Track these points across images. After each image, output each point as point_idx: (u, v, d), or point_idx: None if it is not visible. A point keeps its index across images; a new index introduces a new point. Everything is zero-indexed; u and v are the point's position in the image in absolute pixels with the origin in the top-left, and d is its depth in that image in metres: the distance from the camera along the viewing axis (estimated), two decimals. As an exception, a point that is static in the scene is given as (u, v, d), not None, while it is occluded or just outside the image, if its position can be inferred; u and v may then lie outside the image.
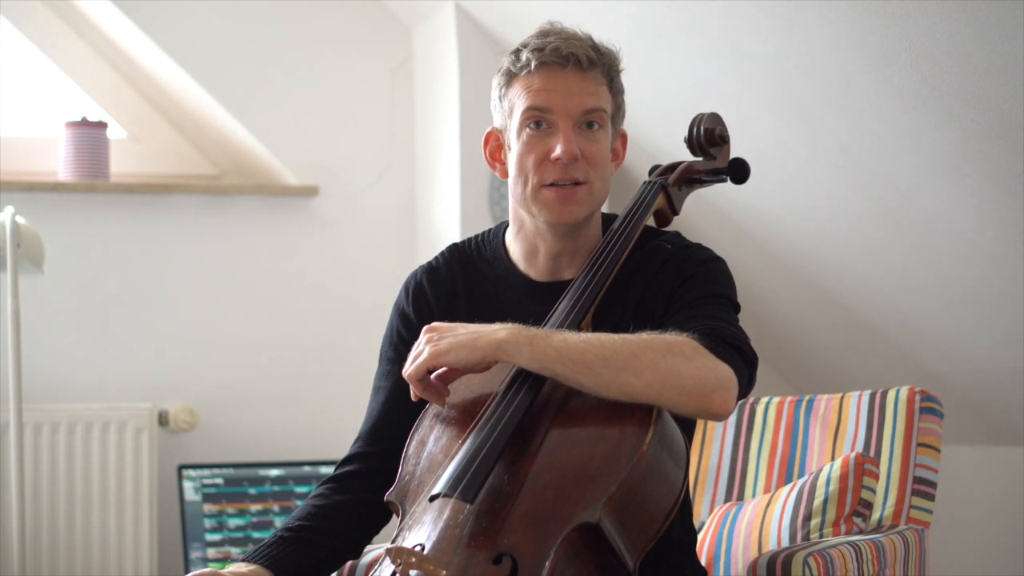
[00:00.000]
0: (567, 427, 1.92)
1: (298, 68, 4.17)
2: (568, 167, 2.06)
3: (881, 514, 2.55)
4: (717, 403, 1.93)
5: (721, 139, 2.28)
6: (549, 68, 2.07)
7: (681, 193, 2.25)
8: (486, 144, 2.18)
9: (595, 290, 2.05)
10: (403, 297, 2.24)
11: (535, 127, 2.08)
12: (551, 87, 2.06)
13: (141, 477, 3.89)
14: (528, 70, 2.08)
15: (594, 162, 2.08)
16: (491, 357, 1.93)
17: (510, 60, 2.10)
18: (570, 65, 2.06)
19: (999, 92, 2.87)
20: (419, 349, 1.97)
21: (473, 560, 1.80)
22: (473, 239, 2.26)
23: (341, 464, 2.20)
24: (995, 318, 3.49)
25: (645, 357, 1.90)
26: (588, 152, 2.07)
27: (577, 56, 2.06)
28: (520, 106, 2.08)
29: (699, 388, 1.91)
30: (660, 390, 1.89)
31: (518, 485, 1.86)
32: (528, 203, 2.10)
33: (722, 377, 1.94)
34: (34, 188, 3.91)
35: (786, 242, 3.78)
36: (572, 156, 2.06)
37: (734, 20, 3.21)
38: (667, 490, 1.90)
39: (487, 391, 1.99)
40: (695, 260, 2.12)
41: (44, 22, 4.09)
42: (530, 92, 2.07)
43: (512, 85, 2.10)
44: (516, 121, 2.09)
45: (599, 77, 2.09)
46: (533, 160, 2.08)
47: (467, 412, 1.99)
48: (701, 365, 1.93)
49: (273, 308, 4.15)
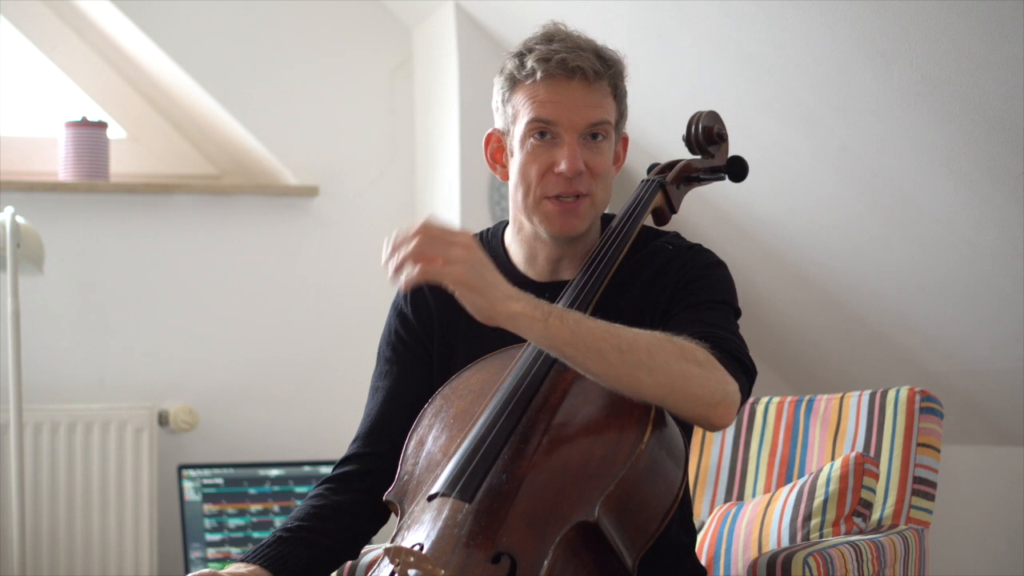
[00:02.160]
0: (565, 426, 1.92)
1: (298, 68, 4.17)
2: (572, 181, 2.05)
3: (881, 514, 2.55)
4: (720, 415, 1.92)
5: (719, 137, 2.27)
6: (555, 80, 2.05)
7: (679, 191, 2.25)
8: (487, 145, 2.16)
9: (594, 288, 2.04)
10: (401, 297, 2.23)
11: (539, 137, 2.06)
12: (557, 100, 2.05)
13: (141, 477, 3.89)
14: (533, 80, 2.05)
15: (598, 173, 2.07)
16: (502, 326, 1.87)
17: (514, 64, 2.08)
18: (576, 78, 2.04)
19: (1000, 92, 2.87)
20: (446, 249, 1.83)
21: (472, 559, 1.80)
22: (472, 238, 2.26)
23: (339, 464, 2.20)
24: (995, 318, 3.49)
25: (659, 356, 1.88)
26: (592, 164, 2.06)
27: (584, 69, 2.04)
28: (525, 116, 2.06)
29: (706, 397, 1.91)
30: (668, 392, 1.88)
31: (516, 484, 1.86)
32: (529, 212, 2.09)
33: (729, 391, 1.94)
34: (34, 188, 3.91)
35: (786, 242, 3.78)
36: (577, 171, 2.04)
37: (735, 20, 3.21)
38: (666, 489, 1.90)
39: (485, 391, 1.99)
40: (698, 263, 2.12)
41: (44, 22, 4.08)
42: (535, 103, 2.05)
43: (516, 92, 2.08)
44: (520, 129, 2.07)
45: (605, 88, 2.08)
46: (536, 171, 2.06)
47: (466, 412, 1.99)
48: (711, 375, 1.92)
49: (273, 308, 4.15)
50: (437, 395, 2.05)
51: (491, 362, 2.03)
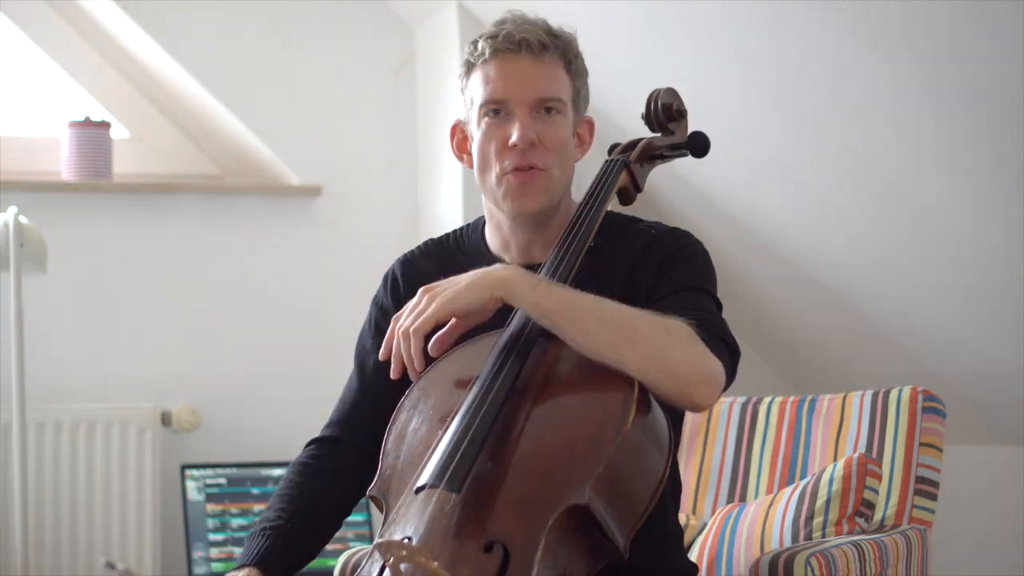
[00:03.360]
0: (549, 410, 1.92)
1: (301, 68, 4.17)
2: (525, 153, 2.07)
3: (884, 514, 2.55)
4: (703, 393, 1.93)
5: (679, 113, 2.27)
6: (503, 55, 2.08)
7: (643, 170, 2.25)
8: (452, 137, 2.19)
9: (567, 268, 2.04)
10: (381, 289, 2.28)
11: (493, 115, 2.09)
12: (505, 75, 2.07)
13: (144, 477, 3.89)
14: (484, 59, 2.09)
15: (552, 147, 2.08)
16: (497, 293, 1.94)
17: (468, 50, 2.12)
18: (523, 50, 2.07)
19: (1002, 92, 2.87)
20: (420, 307, 1.97)
21: (463, 549, 1.78)
22: (452, 232, 2.28)
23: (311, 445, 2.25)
24: (997, 317, 3.49)
25: (642, 329, 1.90)
26: (545, 138, 2.08)
27: (529, 41, 2.06)
28: (478, 97, 2.09)
29: (688, 375, 1.91)
30: (649, 367, 1.89)
31: (503, 471, 1.85)
32: (493, 192, 2.11)
33: (712, 370, 1.94)
34: (37, 188, 3.91)
35: (788, 241, 3.78)
36: (528, 142, 2.06)
37: (736, 19, 3.21)
38: (653, 467, 1.90)
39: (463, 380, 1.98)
40: (679, 246, 2.13)
41: (47, 22, 4.09)
42: (487, 84, 2.08)
43: (471, 76, 2.11)
44: (475, 111, 2.10)
45: (555, 60, 2.09)
46: (494, 147, 2.09)
47: (444, 402, 1.98)
48: (694, 353, 1.93)
49: (276, 308, 4.15)
50: (414, 387, 2.03)
51: (466, 351, 2.03)
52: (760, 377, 4.21)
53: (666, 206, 3.97)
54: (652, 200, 3.92)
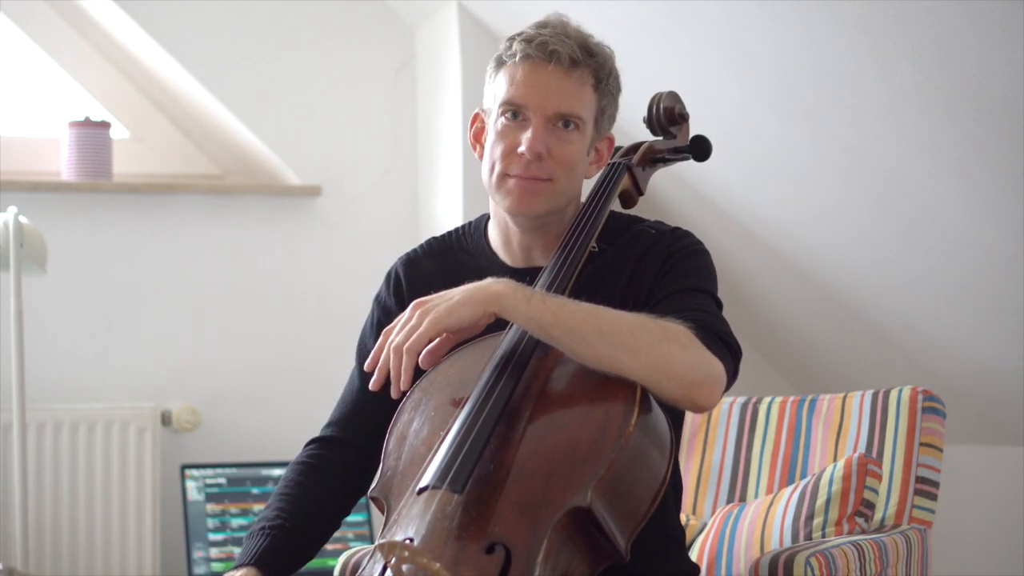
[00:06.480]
0: (550, 412, 1.92)
1: (301, 68, 4.17)
2: (531, 164, 2.07)
3: (884, 514, 2.55)
4: (705, 394, 1.93)
5: (681, 117, 2.27)
6: (532, 61, 2.07)
7: (645, 173, 2.26)
8: (472, 124, 2.19)
9: (568, 273, 2.05)
10: (384, 289, 2.27)
11: (511, 117, 2.09)
12: (530, 82, 2.07)
13: (144, 477, 3.89)
14: (514, 60, 2.09)
15: (561, 162, 2.08)
16: (491, 309, 1.91)
17: (504, 46, 2.12)
18: (553, 62, 2.06)
19: (1002, 92, 2.87)
20: (411, 322, 1.94)
21: (465, 551, 1.79)
22: (455, 231, 2.28)
23: (312, 445, 2.24)
24: (997, 318, 3.49)
25: (641, 337, 1.90)
26: (556, 151, 2.07)
27: (560, 54, 2.06)
28: (500, 94, 2.09)
29: (689, 377, 1.92)
30: (651, 373, 1.89)
31: (505, 473, 1.85)
32: (493, 189, 2.12)
33: (713, 371, 1.95)
34: (37, 188, 3.91)
35: (789, 240, 3.78)
36: (536, 153, 2.06)
37: (737, 19, 3.21)
38: (655, 469, 1.90)
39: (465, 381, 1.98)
40: (680, 247, 2.13)
41: (47, 22, 4.09)
42: (511, 84, 2.08)
43: (499, 71, 2.11)
44: (496, 108, 2.10)
45: (584, 77, 2.08)
46: (502, 149, 2.08)
47: (446, 404, 1.98)
48: (695, 355, 1.93)
49: (276, 308, 4.15)
50: (415, 388, 2.03)
51: (468, 353, 2.03)
52: (760, 377, 4.21)
53: (666, 205, 3.98)
54: (652, 199, 3.92)
